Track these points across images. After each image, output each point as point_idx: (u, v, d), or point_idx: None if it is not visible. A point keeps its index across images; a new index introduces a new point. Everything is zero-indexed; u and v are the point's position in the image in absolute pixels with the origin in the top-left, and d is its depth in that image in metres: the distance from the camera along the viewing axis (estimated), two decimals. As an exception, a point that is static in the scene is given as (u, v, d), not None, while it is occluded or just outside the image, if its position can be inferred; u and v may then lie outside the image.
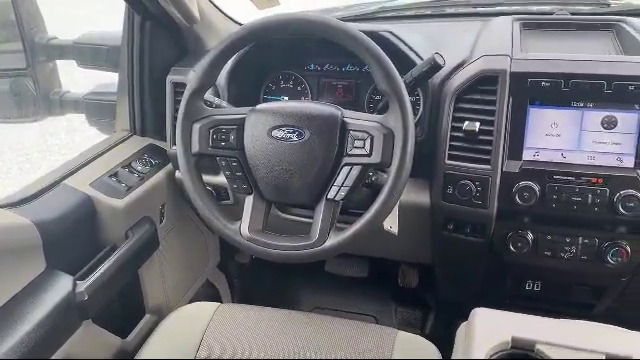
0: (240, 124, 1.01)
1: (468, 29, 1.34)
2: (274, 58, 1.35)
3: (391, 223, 1.16)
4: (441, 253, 1.33)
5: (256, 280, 1.89)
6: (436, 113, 1.16)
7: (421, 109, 1.23)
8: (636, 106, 1.03)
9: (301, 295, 1.93)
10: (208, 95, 1.19)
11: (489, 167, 1.10)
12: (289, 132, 0.98)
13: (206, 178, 1.34)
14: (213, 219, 1.03)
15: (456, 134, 1.13)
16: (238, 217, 1.04)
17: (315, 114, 0.98)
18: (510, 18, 1.33)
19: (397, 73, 0.94)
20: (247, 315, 1.16)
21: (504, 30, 1.27)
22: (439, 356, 1.06)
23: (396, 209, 1.17)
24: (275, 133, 0.99)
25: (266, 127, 0.99)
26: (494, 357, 0.78)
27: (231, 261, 1.81)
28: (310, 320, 1.15)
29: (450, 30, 1.39)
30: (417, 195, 1.23)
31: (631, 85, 1.02)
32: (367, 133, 0.95)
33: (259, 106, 1.02)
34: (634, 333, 0.81)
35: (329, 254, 0.98)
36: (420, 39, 1.26)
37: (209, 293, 1.71)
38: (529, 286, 1.25)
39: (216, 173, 1.35)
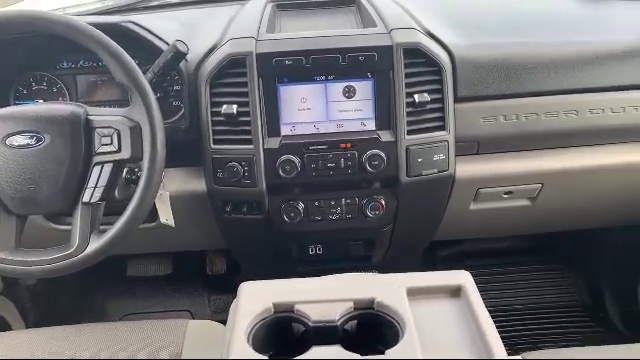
0: None
1: (224, 13, 1.37)
2: (19, 58, 1.23)
3: (166, 216, 1.16)
4: (230, 235, 1.36)
5: (54, 300, 1.74)
6: (196, 99, 1.17)
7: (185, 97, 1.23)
8: (369, 74, 1.14)
9: (108, 306, 1.83)
10: None
11: (252, 147, 1.14)
12: (27, 138, 0.91)
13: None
14: None
15: (217, 118, 1.14)
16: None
17: (54, 115, 0.92)
18: (265, 0, 1.38)
19: (132, 63, 0.92)
20: (27, 340, 1.06)
21: (255, 13, 1.31)
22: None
23: (167, 200, 1.16)
24: (10, 141, 0.91)
25: None
26: (258, 324, 0.82)
27: (16, 286, 1.64)
28: (98, 329, 1.09)
29: (206, 16, 1.40)
30: (193, 183, 1.23)
31: (361, 56, 1.13)
32: (113, 128, 0.92)
33: None
34: (379, 276, 0.90)
35: (93, 259, 0.94)
36: (170, 26, 1.25)
37: (-4, 325, 1.54)
38: (312, 250, 1.33)
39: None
